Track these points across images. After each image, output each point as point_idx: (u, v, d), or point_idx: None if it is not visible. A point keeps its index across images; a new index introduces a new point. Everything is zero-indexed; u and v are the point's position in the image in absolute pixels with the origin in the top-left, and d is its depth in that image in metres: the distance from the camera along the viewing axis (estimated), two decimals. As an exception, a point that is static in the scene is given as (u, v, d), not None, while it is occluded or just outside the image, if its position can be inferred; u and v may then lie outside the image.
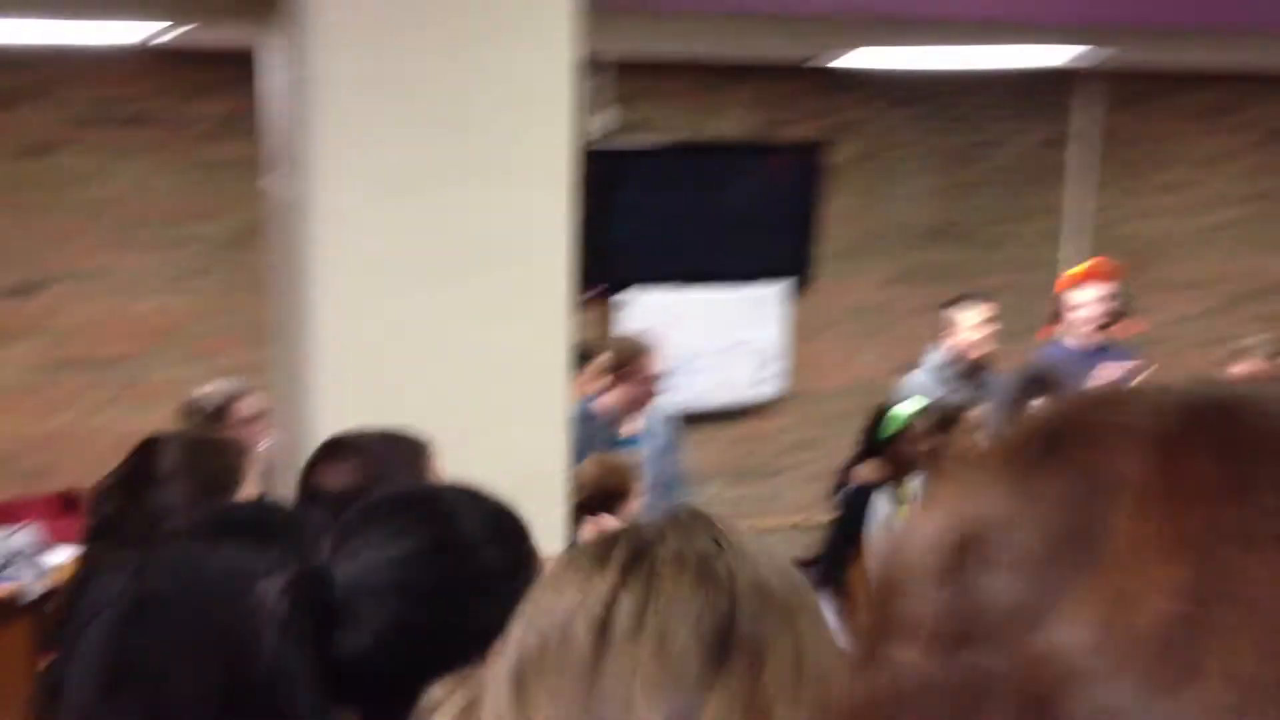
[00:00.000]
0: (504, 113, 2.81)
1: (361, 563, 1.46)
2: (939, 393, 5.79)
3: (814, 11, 3.72)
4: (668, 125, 7.41)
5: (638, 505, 4.07)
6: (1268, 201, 8.76)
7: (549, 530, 2.90)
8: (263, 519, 1.79)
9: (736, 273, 7.75)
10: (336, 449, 2.29)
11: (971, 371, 6.02)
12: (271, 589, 1.38)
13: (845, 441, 8.08)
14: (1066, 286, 6.42)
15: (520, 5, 2.78)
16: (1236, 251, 8.76)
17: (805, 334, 7.99)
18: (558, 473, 3.00)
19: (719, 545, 0.96)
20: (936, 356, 6.10)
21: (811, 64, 7.11)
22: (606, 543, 0.97)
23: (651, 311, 7.25)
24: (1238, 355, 6.12)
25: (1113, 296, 6.28)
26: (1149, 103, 8.38)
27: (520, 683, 0.93)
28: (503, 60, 2.77)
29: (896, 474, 5.10)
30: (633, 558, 0.94)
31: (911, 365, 8.07)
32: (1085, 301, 6.22)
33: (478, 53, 2.76)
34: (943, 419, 5.23)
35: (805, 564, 5.90)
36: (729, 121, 7.71)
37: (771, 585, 0.95)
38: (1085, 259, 8.08)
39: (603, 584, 0.93)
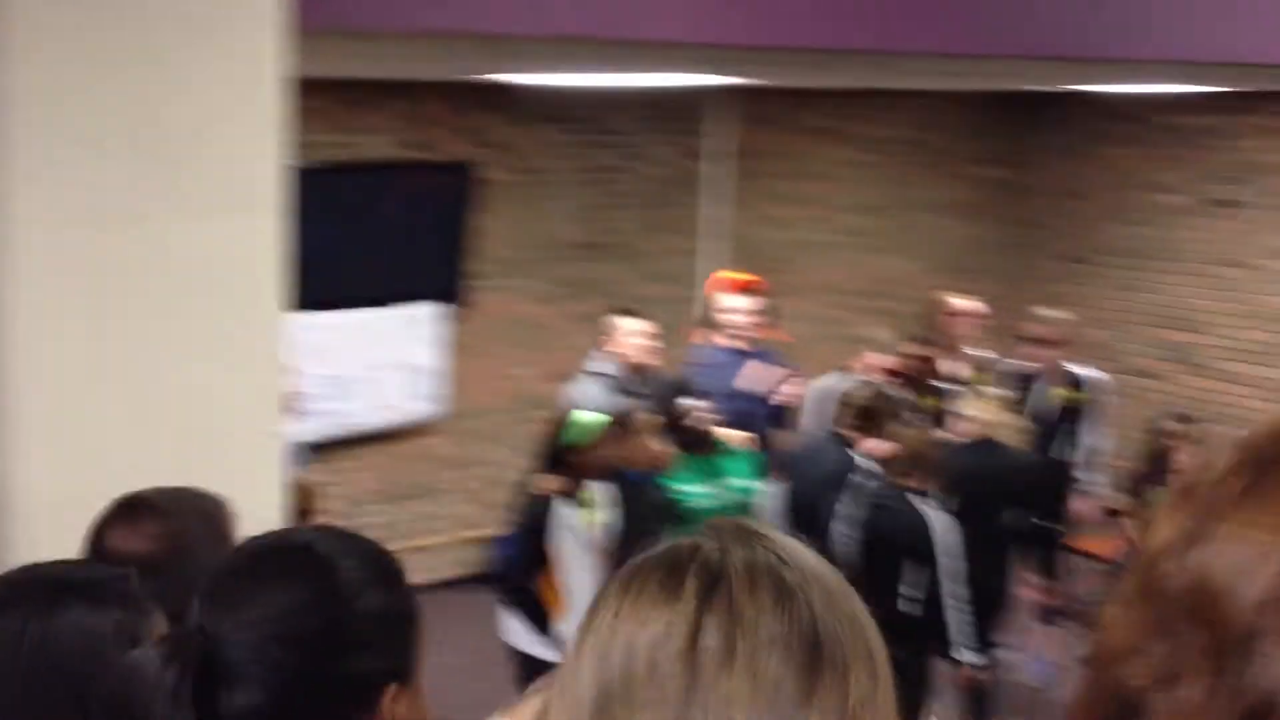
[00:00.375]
0: (210, 135, 2.67)
1: (243, 618, 1.42)
2: (608, 400, 5.95)
3: (462, 31, 3.75)
4: (314, 146, 7.24)
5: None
6: (885, 211, 9.45)
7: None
8: (92, 579, 1.68)
9: (392, 294, 7.68)
10: (132, 510, 2.14)
11: (637, 378, 6.21)
12: (149, 656, 1.31)
13: (506, 457, 8.19)
14: (718, 292, 6.75)
15: (225, 23, 2.65)
16: (860, 257, 9.41)
17: (463, 352, 8.01)
18: (274, 506, 2.88)
19: (780, 557, 0.96)
20: (603, 365, 6.25)
21: (459, 80, 7.15)
22: (671, 567, 0.95)
23: (306, 335, 7.07)
24: (865, 345, 6.69)
25: (761, 305, 6.67)
26: (778, 119, 8.89)
27: (606, 716, 0.91)
28: (207, 81, 2.64)
29: (578, 481, 5.19)
30: (707, 583, 0.92)
31: (570, 377, 8.26)
32: (736, 308, 6.56)
33: (179, 73, 2.61)
34: (615, 423, 5.38)
35: (485, 579, 5.91)
36: (378, 141, 7.63)
37: (834, 587, 0.97)
38: (724, 268, 8.50)
39: (683, 613, 0.91)
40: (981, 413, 6.09)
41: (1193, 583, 0.71)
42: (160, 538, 2.11)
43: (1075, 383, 6.87)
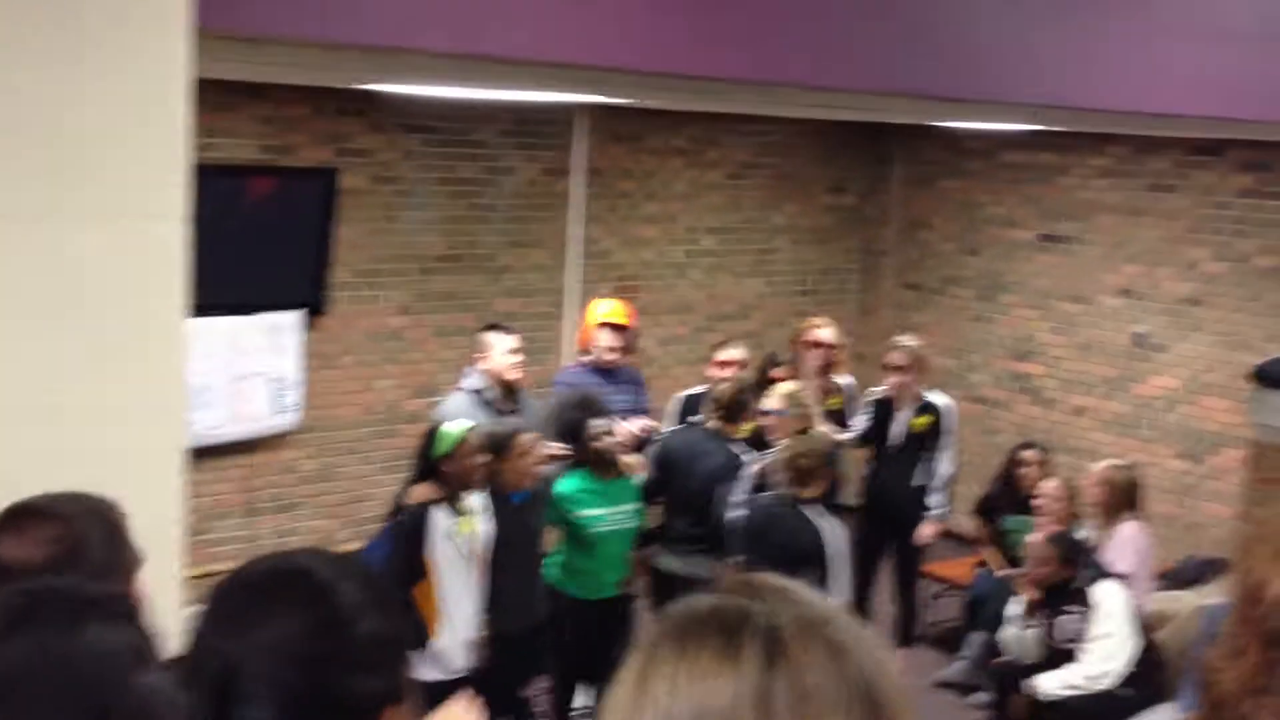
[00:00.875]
0: (114, 139, 2.61)
1: (253, 642, 1.47)
2: (478, 413, 5.98)
3: (334, 41, 3.75)
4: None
5: None
6: (733, 234, 9.64)
7: (164, 581, 2.76)
8: (107, 596, 1.67)
9: (249, 301, 7.53)
10: (19, 517, 2.11)
11: (507, 394, 6.25)
12: (167, 678, 1.34)
13: (365, 470, 8.10)
14: (594, 323, 6.88)
15: (131, 25, 2.58)
16: (712, 277, 9.58)
17: (321, 363, 7.90)
18: (173, 519, 2.83)
19: (822, 613, 1.00)
20: (473, 380, 6.27)
21: (321, 85, 7.08)
22: (725, 628, 0.97)
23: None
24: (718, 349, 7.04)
25: (627, 330, 6.80)
26: (636, 140, 9.00)
27: None
28: (112, 83, 2.58)
29: (452, 491, 5.21)
30: (768, 647, 0.95)
31: (430, 390, 8.23)
32: (602, 344, 6.73)
33: (82, 78, 2.55)
34: (495, 443, 5.43)
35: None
36: (237, 144, 7.50)
37: (872, 640, 1.02)
38: (581, 287, 8.58)
39: (749, 677, 0.94)
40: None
41: None
42: (52, 542, 2.08)
43: (928, 409, 7.10)
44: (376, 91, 7.15)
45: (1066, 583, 5.82)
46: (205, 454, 7.33)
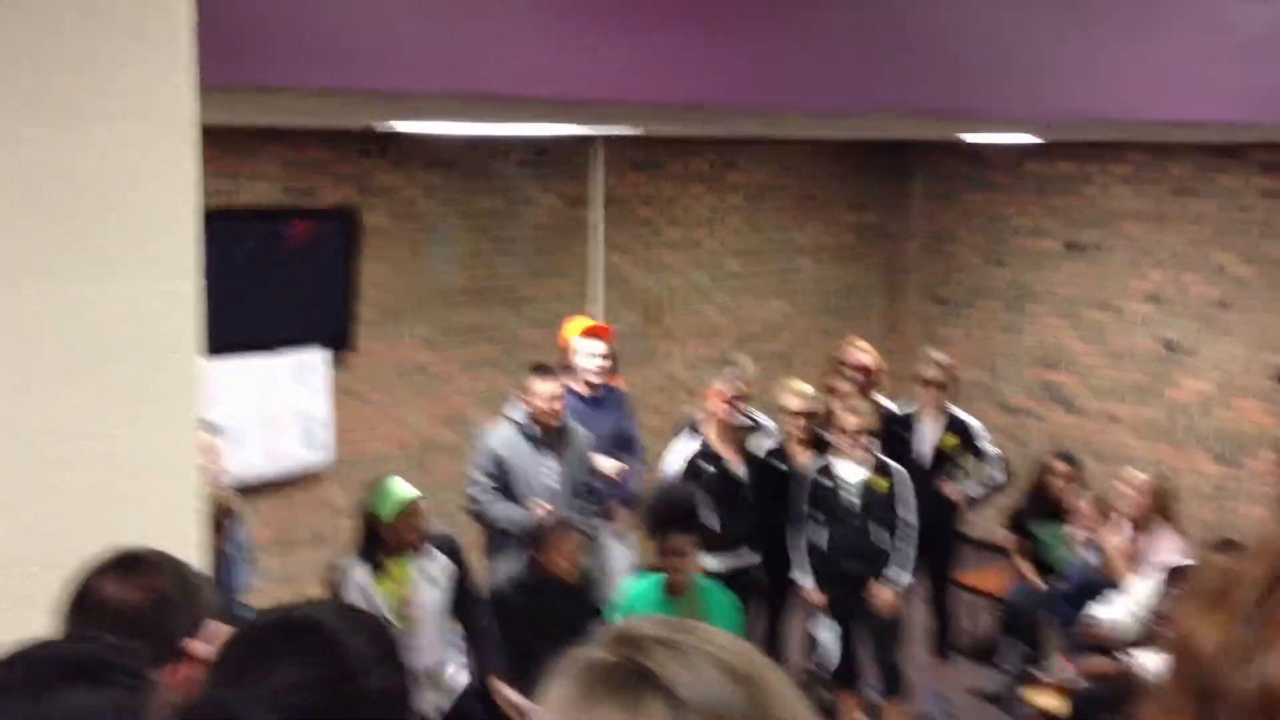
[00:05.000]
0: (121, 192, 2.64)
1: (256, 693, 1.45)
2: (521, 444, 6.17)
3: (352, 88, 3.82)
4: (195, 192, 7.19)
5: None
6: (756, 255, 9.66)
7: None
8: (95, 658, 1.68)
9: (276, 340, 7.61)
10: (132, 562, 2.20)
11: (548, 431, 6.26)
12: None
13: (397, 503, 8.14)
14: (571, 337, 6.88)
15: (138, 81, 2.62)
16: (736, 300, 9.59)
17: (349, 399, 7.97)
18: (193, 564, 2.86)
19: (716, 661, 1.01)
20: (519, 414, 6.31)
21: (341, 127, 7.16)
22: (622, 681, 0.99)
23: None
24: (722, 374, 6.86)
25: (606, 352, 6.79)
26: (656, 166, 9.04)
27: None
28: (118, 137, 2.61)
29: (383, 550, 5.16)
30: (668, 706, 0.97)
31: (457, 422, 8.28)
32: (586, 351, 6.72)
33: (92, 131, 2.58)
34: (538, 537, 5.49)
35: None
36: (259, 187, 7.59)
37: (766, 684, 1.03)
38: (602, 315, 8.61)
39: None
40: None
41: (1262, 690, 0.79)
42: (148, 591, 2.17)
43: (955, 426, 7.08)
44: (394, 130, 7.23)
45: None
46: (240, 492, 7.41)
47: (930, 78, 4.96)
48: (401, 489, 5.21)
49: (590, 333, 6.84)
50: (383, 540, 5.13)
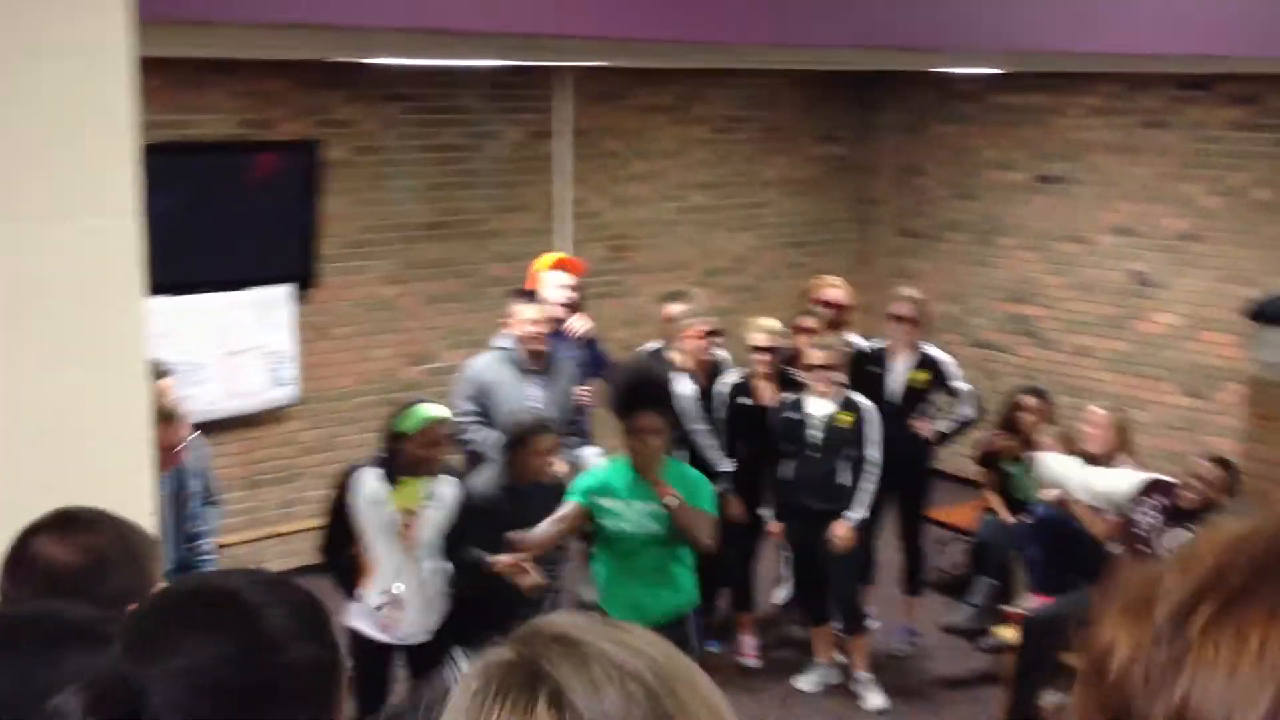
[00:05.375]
0: (60, 137, 2.55)
1: (168, 667, 1.37)
2: (506, 370, 6.19)
3: (306, 22, 3.71)
4: (150, 126, 7.00)
5: None
6: (722, 189, 9.56)
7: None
8: (92, 622, 1.63)
9: (239, 277, 7.51)
10: (69, 521, 2.13)
11: (534, 356, 6.24)
12: (70, 703, 1.26)
13: (364, 438, 8.07)
14: (540, 272, 6.82)
15: (70, 17, 2.52)
16: (704, 233, 9.51)
17: (314, 335, 7.88)
18: (145, 511, 2.80)
19: (610, 660, 0.99)
20: (503, 339, 6.31)
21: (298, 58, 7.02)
22: (519, 682, 0.98)
23: (154, 322, 6.87)
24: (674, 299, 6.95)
25: (574, 288, 6.74)
26: (620, 98, 8.91)
27: None
28: (55, 81, 2.52)
29: (401, 468, 5.15)
30: (554, 703, 0.96)
31: (424, 358, 8.23)
32: (555, 283, 6.68)
33: (24, 69, 2.49)
34: (516, 437, 5.42)
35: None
36: (216, 120, 7.45)
37: (671, 680, 1.01)
38: (573, 248, 8.53)
39: None
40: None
41: (1177, 716, 0.74)
42: (84, 550, 2.11)
43: (926, 363, 7.04)
44: (354, 62, 7.09)
45: (1207, 507, 5.59)
46: (204, 430, 7.34)
47: (897, 8, 4.87)
48: (429, 409, 5.21)
49: (559, 265, 6.80)
50: (402, 457, 5.12)
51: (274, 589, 1.50)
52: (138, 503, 2.81)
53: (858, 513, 6.31)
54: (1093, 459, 6.46)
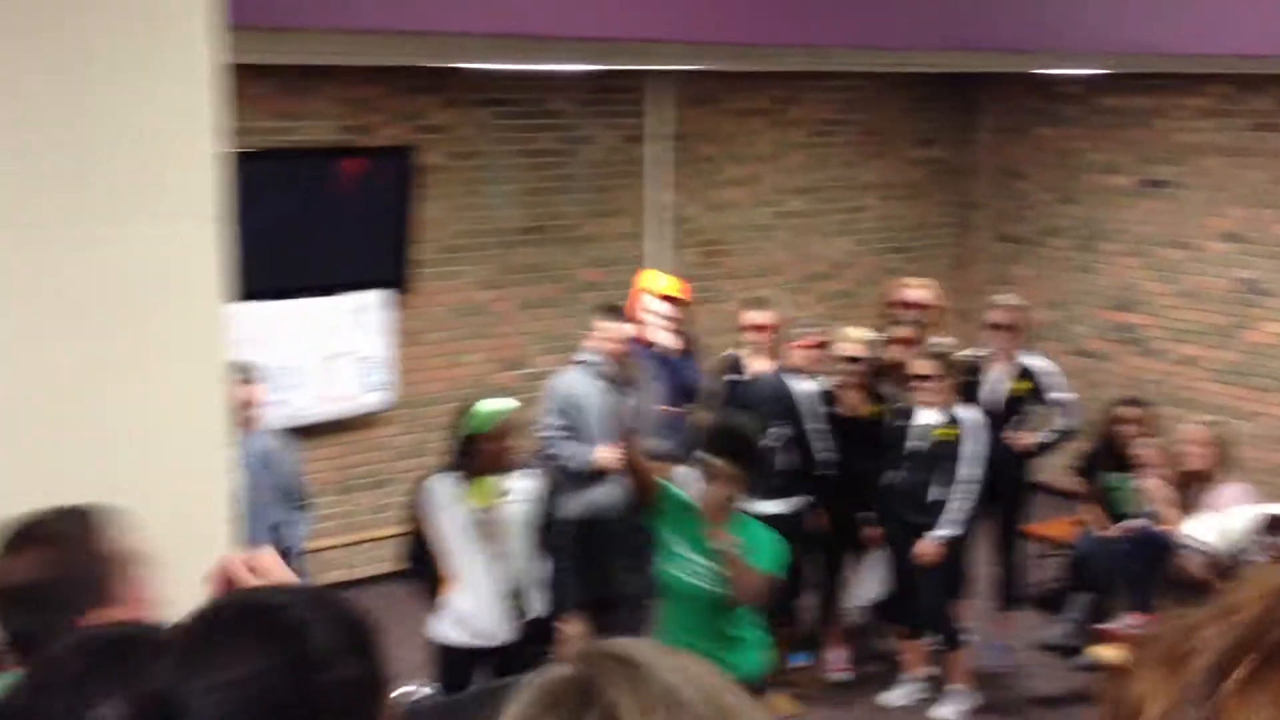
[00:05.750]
0: (143, 139, 2.57)
1: (211, 683, 1.36)
2: (592, 385, 6.16)
3: (402, 29, 3.72)
4: (250, 131, 7.11)
5: None
6: (820, 193, 9.46)
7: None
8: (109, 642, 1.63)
9: (334, 282, 7.59)
10: (21, 538, 2.10)
11: (620, 376, 6.22)
12: (113, 715, 1.26)
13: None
14: (642, 291, 6.78)
15: (152, 24, 2.53)
16: (800, 238, 9.42)
17: (408, 340, 7.94)
18: (222, 516, 2.82)
19: (660, 684, 1.01)
20: (589, 355, 6.29)
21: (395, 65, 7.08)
22: (570, 705, 0.99)
23: (249, 326, 6.96)
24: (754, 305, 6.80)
25: (674, 316, 6.70)
26: (718, 101, 8.85)
27: None
28: (139, 84, 2.54)
29: (476, 468, 5.14)
30: (604, 716, 0.97)
31: (517, 363, 8.24)
32: (659, 311, 6.64)
33: (106, 76, 2.50)
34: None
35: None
36: (315, 126, 7.53)
37: (718, 704, 1.02)
38: (667, 253, 8.49)
39: None
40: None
41: None
42: (41, 567, 2.08)
43: (1026, 373, 6.87)
44: (450, 67, 7.13)
45: None
46: (299, 434, 7.43)
47: (995, 9, 4.77)
48: (494, 404, 5.21)
49: (665, 296, 6.73)
50: (476, 458, 5.12)
51: (320, 605, 1.49)
52: (215, 505, 2.83)
53: (946, 529, 6.19)
54: (1194, 477, 6.27)
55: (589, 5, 3.88)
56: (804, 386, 6.46)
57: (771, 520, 5.90)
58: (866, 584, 6.87)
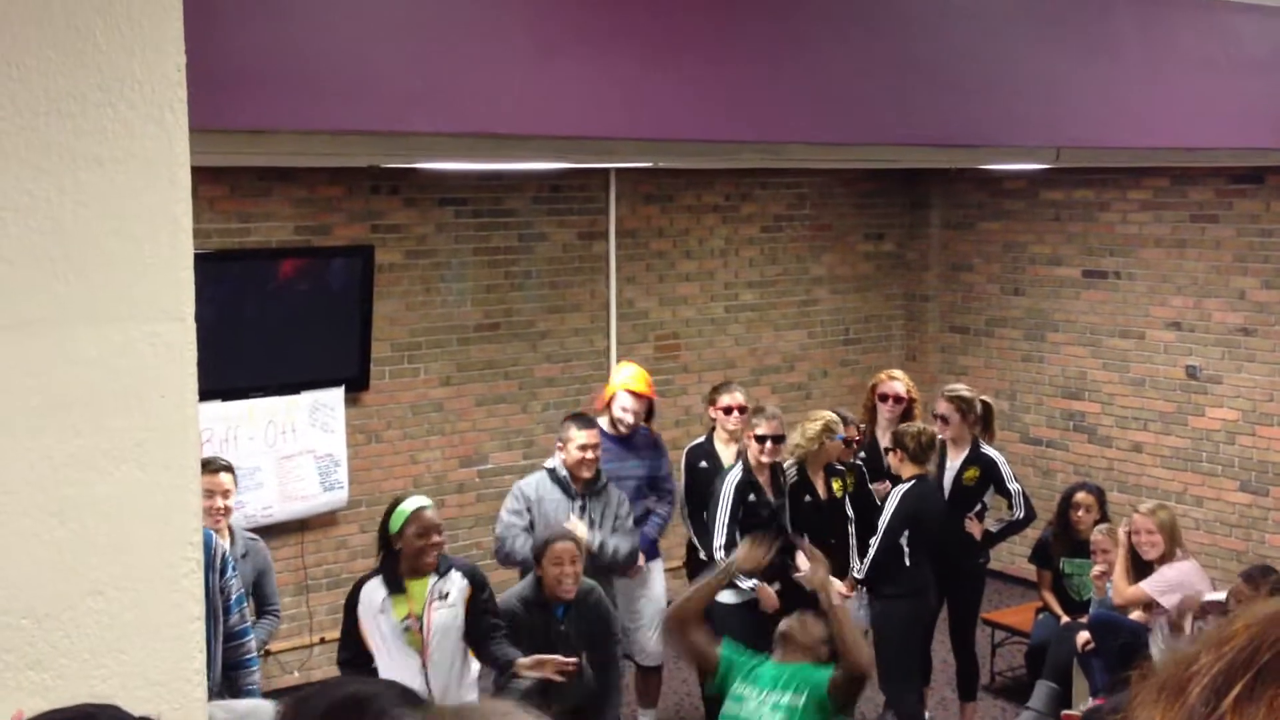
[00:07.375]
0: (111, 240, 2.59)
1: None
2: (555, 491, 6.16)
3: (358, 129, 3.80)
4: (207, 233, 7.15)
5: None
6: (773, 287, 9.59)
7: (184, 676, 2.75)
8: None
9: (292, 381, 7.59)
10: None
11: (584, 486, 6.24)
12: None
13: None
14: (616, 387, 6.83)
15: (124, 124, 2.58)
16: (753, 332, 9.53)
17: (365, 438, 7.93)
18: (192, 616, 2.80)
19: None
20: (553, 459, 6.31)
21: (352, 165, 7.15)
22: None
23: (209, 425, 6.95)
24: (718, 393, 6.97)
25: (642, 411, 6.77)
26: (669, 198, 9.00)
27: None
28: (108, 184, 2.57)
29: (401, 569, 5.13)
30: None
31: (474, 460, 8.24)
32: (629, 408, 6.70)
33: (77, 175, 2.54)
34: (535, 549, 5.43)
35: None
36: (272, 226, 7.58)
37: None
38: (621, 347, 8.57)
39: None
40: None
41: None
42: None
43: (977, 460, 6.95)
44: (406, 167, 7.22)
45: None
46: (259, 534, 7.37)
47: (942, 107, 4.91)
48: (411, 501, 5.20)
49: (636, 395, 6.77)
50: (400, 560, 5.07)
51: (407, 696, 1.53)
52: (184, 605, 2.82)
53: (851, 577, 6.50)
54: (1150, 565, 6.36)
55: (552, 104, 3.97)
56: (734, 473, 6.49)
57: (735, 607, 5.95)
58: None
